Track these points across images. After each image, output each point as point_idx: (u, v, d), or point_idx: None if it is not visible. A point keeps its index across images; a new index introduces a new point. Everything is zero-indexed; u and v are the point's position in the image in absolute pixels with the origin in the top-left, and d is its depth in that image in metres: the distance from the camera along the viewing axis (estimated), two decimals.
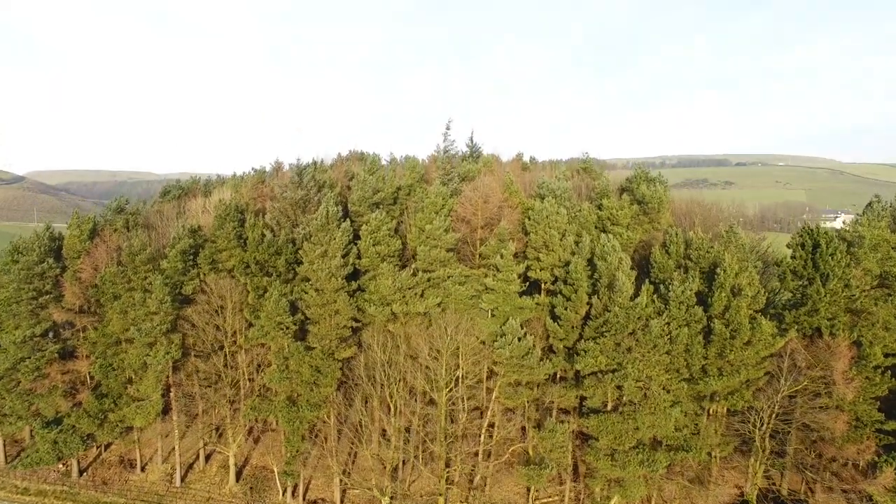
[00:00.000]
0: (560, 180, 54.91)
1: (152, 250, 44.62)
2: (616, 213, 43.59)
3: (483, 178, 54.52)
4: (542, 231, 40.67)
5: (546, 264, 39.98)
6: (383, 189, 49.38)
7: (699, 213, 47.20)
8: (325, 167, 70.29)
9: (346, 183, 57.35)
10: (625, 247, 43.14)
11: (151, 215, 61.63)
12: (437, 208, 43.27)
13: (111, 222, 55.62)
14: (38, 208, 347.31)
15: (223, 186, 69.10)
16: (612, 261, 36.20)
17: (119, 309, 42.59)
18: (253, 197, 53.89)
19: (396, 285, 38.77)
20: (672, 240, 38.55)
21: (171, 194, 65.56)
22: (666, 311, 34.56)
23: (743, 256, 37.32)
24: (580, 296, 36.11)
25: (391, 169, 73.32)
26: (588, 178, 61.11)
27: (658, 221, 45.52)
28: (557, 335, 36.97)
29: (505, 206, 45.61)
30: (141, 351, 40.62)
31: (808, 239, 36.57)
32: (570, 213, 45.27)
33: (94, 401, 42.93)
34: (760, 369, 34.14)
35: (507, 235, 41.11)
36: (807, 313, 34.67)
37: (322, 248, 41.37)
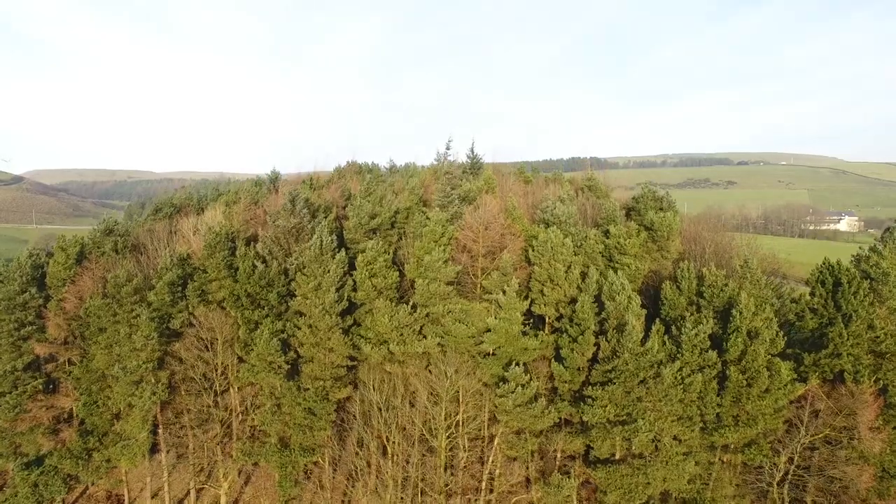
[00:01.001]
0: (564, 202, 53.00)
1: (139, 280, 42.69)
2: (623, 243, 41.57)
3: (484, 200, 52.60)
4: (547, 264, 38.73)
5: (551, 300, 38.05)
6: (380, 213, 47.45)
7: (710, 240, 45.13)
8: (321, 182, 68.44)
9: (342, 204, 55.41)
10: (633, 277, 41.21)
11: (142, 235, 59.75)
12: (437, 237, 41.31)
13: (99, 244, 53.78)
14: (36, 210, 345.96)
15: (217, 202, 67.17)
16: (620, 300, 34.25)
17: (104, 343, 40.69)
18: (246, 219, 51.98)
19: (393, 323, 36.83)
20: (684, 275, 36.57)
21: (162, 212, 63.62)
22: (678, 356, 32.62)
23: (759, 294, 35.34)
24: (587, 338, 34.16)
25: (389, 185, 71.43)
26: (593, 197, 59.09)
27: (667, 250, 43.55)
28: (563, 378, 35.04)
29: (507, 233, 43.70)
30: (126, 389, 38.73)
31: (829, 276, 34.60)
32: (576, 240, 43.35)
33: (77, 439, 41.10)
34: (778, 418, 32.21)
35: (509, 269, 39.17)
36: (828, 356, 32.71)
37: (316, 281, 39.47)
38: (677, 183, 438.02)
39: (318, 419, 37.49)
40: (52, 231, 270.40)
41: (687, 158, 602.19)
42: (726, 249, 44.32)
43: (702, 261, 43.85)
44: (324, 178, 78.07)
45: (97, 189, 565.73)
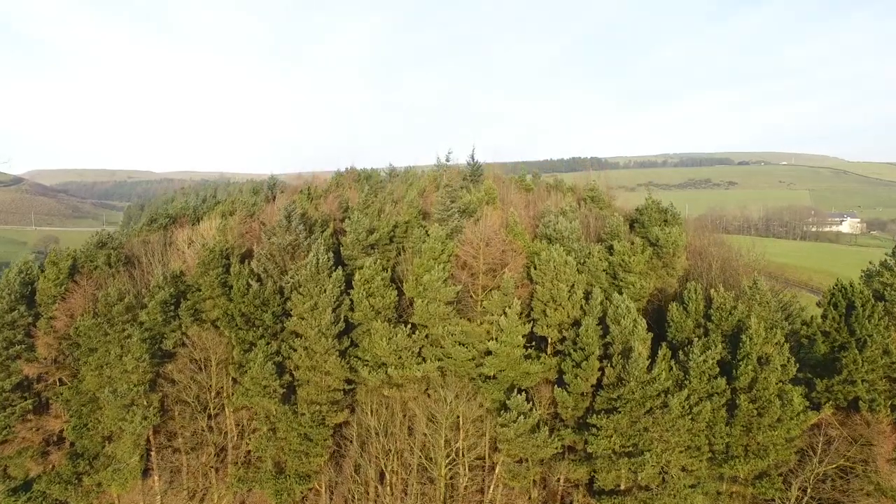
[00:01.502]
0: (566, 214, 51.88)
1: (131, 298, 41.60)
2: (628, 260, 40.42)
3: (485, 214, 51.47)
4: (549, 283, 37.62)
5: (553, 321, 36.92)
6: (379, 228, 46.34)
7: (716, 256, 43.97)
8: (318, 192, 67.32)
9: (340, 216, 54.26)
10: (638, 296, 40.10)
11: (136, 247, 58.66)
12: (436, 254, 40.18)
13: (92, 257, 52.69)
14: (36, 211, 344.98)
15: (213, 212, 66.01)
16: (625, 324, 33.11)
17: (94, 364, 39.63)
18: (242, 233, 50.81)
19: (391, 347, 35.69)
20: (691, 297, 35.42)
21: (157, 222, 62.48)
22: (686, 383, 31.48)
23: (769, 316, 34.20)
24: (591, 363, 33.03)
25: (389, 193, 70.32)
26: (595, 208, 57.91)
27: (673, 267, 42.37)
28: (566, 404, 33.91)
29: (508, 249, 42.57)
30: (116, 413, 37.63)
31: (842, 298, 33.42)
32: (579, 257, 42.23)
33: (67, 463, 40.03)
34: (790, 448, 31.07)
35: (511, 288, 38.04)
36: (841, 382, 31.55)
37: (312, 301, 38.37)
38: (678, 183, 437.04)
39: (315, 445, 36.39)
40: (51, 233, 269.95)
41: (687, 158, 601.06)
42: (733, 266, 43.18)
43: (708, 278, 42.78)
44: (322, 185, 76.97)
45: (97, 189, 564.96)
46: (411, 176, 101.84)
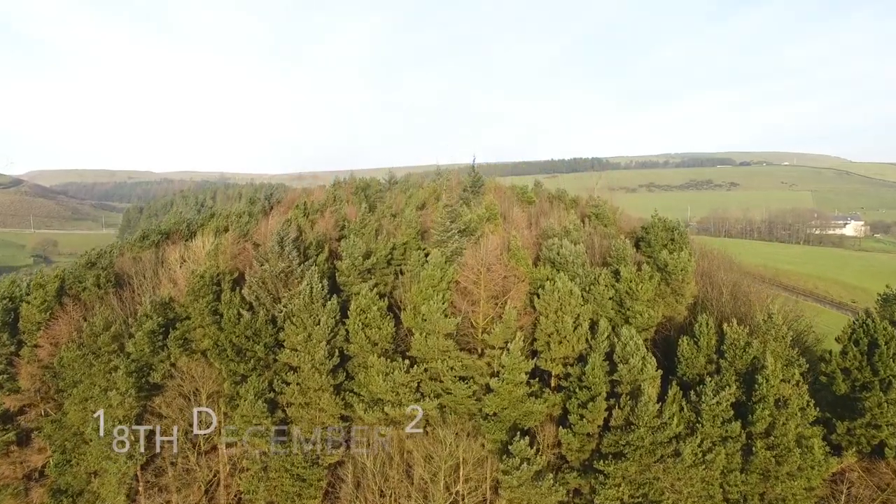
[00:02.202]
0: (570, 234, 50.22)
1: (118, 327, 39.95)
2: (635, 288, 38.68)
3: (485, 235, 49.83)
4: (554, 315, 35.95)
5: (557, 356, 35.27)
6: (376, 251, 44.68)
7: (727, 281, 42.16)
8: (315, 206, 65.64)
9: (337, 236, 52.59)
10: (645, 326, 38.42)
11: (127, 265, 57.02)
12: (435, 282, 38.53)
13: (80, 278, 51.08)
14: (35, 213, 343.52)
15: (207, 227, 64.34)
16: (634, 363, 31.41)
17: (78, 397, 37.98)
18: (235, 254, 49.11)
19: (388, 384, 34.01)
20: (702, 331, 33.68)
21: (149, 239, 60.80)
22: (698, 426, 29.78)
23: (785, 352, 32.46)
24: (598, 405, 31.33)
25: (388, 207, 68.64)
26: (600, 226, 56.20)
27: (682, 294, 40.61)
28: (571, 446, 32.21)
29: (510, 275, 40.90)
30: (100, 451, 35.97)
31: (863, 334, 31.67)
32: (584, 283, 40.55)
33: (49, 500, 38.42)
34: (810, 498, 29.36)
35: (513, 321, 36.37)
36: (864, 426, 29.84)
37: (306, 332, 36.71)
38: (679, 184, 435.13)
39: (308, 486, 34.73)
40: (50, 236, 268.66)
41: (689, 158, 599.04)
42: (744, 292, 41.40)
43: (719, 305, 41.06)
44: (319, 197, 75.28)
45: (97, 190, 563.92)
46: (411, 185, 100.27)
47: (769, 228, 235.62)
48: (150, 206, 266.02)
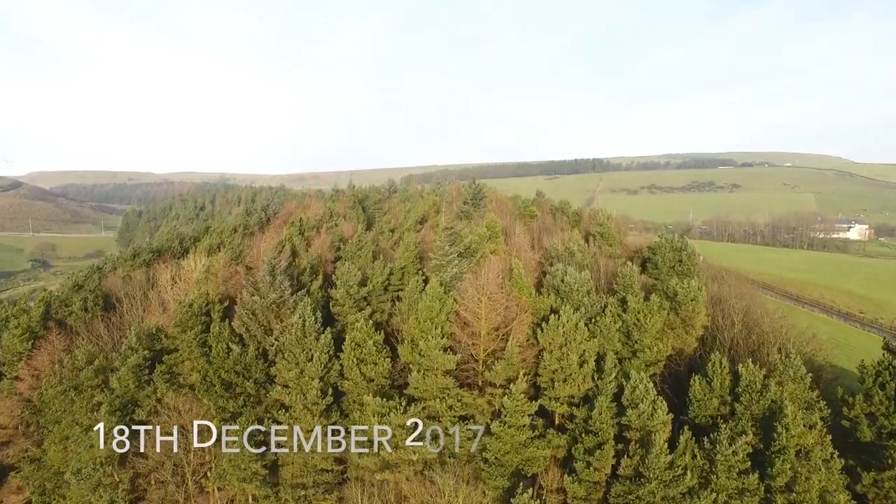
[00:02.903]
0: (574, 256, 48.43)
1: (102, 360, 38.18)
2: (643, 320, 36.87)
3: (486, 258, 48.12)
4: (558, 351, 34.19)
5: (562, 395, 33.47)
6: (372, 277, 42.87)
7: (739, 309, 40.23)
8: (311, 224, 63.88)
9: (332, 258, 50.82)
10: (654, 360, 36.63)
11: (117, 286, 55.35)
12: (433, 314, 36.77)
13: (67, 302, 49.42)
14: (34, 217, 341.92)
15: (200, 244, 62.64)
16: (644, 408, 29.57)
17: (59, 436, 36.24)
18: (226, 278, 47.34)
19: (384, 426, 32.20)
20: (715, 371, 31.82)
21: (140, 258, 59.07)
22: (712, 475, 27.96)
23: (804, 394, 30.61)
24: (605, 452, 29.56)
25: (386, 222, 66.81)
26: (605, 246, 54.39)
27: (692, 325, 38.77)
28: (577, 494, 30.37)
29: (513, 304, 39.13)
30: (81, 496, 34.15)
31: (889, 377, 29.80)
32: (590, 312, 38.78)
33: None
34: None
35: (515, 358, 34.61)
36: (894, 478, 27.97)
37: (297, 368, 34.96)
38: (681, 186, 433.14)
39: None
40: (48, 239, 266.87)
41: (690, 159, 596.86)
42: (758, 322, 39.51)
43: (731, 336, 39.24)
44: (315, 212, 73.51)
45: (97, 192, 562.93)
46: (410, 195, 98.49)
47: (772, 232, 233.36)
48: (149, 210, 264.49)
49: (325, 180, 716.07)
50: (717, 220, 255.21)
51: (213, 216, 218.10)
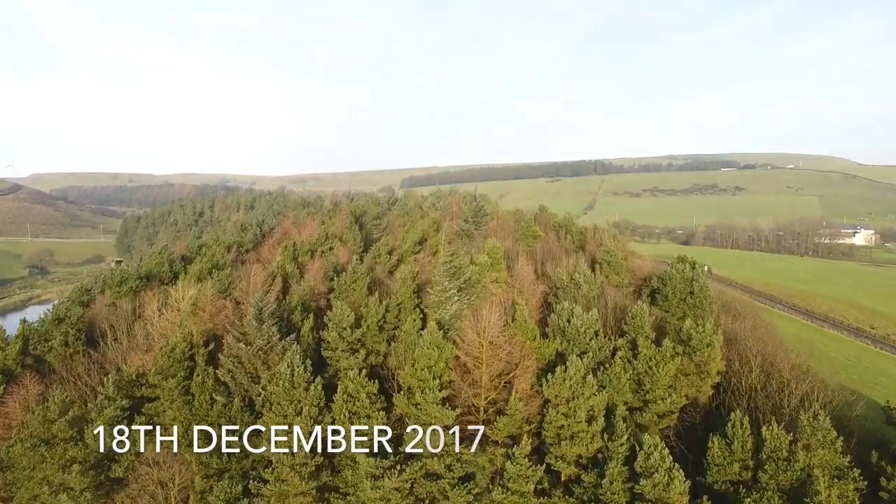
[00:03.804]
0: (581, 288, 46.03)
1: (77, 410, 35.78)
2: (656, 369, 34.43)
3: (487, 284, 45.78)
4: (564, 406, 31.78)
5: (569, 455, 31.01)
6: (366, 317, 40.53)
7: (757, 351, 37.68)
8: (304, 248, 61.50)
9: (326, 290, 48.44)
10: (666, 412, 34.23)
11: (102, 315, 53.05)
12: (432, 362, 34.42)
13: (47, 336, 47.09)
14: (33, 220, 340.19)
15: (189, 273, 60.24)
16: (659, 479, 27.13)
17: (27, 495, 33.82)
18: (214, 313, 45.02)
19: (378, 491, 29.79)
20: (736, 432, 29.37)
21: (127, 285, 56.67)
22: None
23: (834, 460, 28.12)
24: None
25: (384, 244, 64.38)
26: (613, 275, 51.91)
27: (708, 372, 36.28)
28: None
29: (515, 350, 36.74)
30: None
31: None
32: (598, 357, 36.42)
33: None
34: None
35: (519, 412, 32.21)
36: None
37: (286, 422, 32.58)
38: (684, 188, 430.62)
39: None
40: (47, 245, 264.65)
41: (692, 160, 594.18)
42: (778, 368, 36.94)
43: (748, 382, 36.73)
44: (311, 232, 71.14)
45: (97, 195, 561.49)
46: (410, 209, 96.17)
47: (777, 238, 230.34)
48: (148, 216, 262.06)
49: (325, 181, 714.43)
50: (721, 226, 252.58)
51: (211, 223, 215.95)
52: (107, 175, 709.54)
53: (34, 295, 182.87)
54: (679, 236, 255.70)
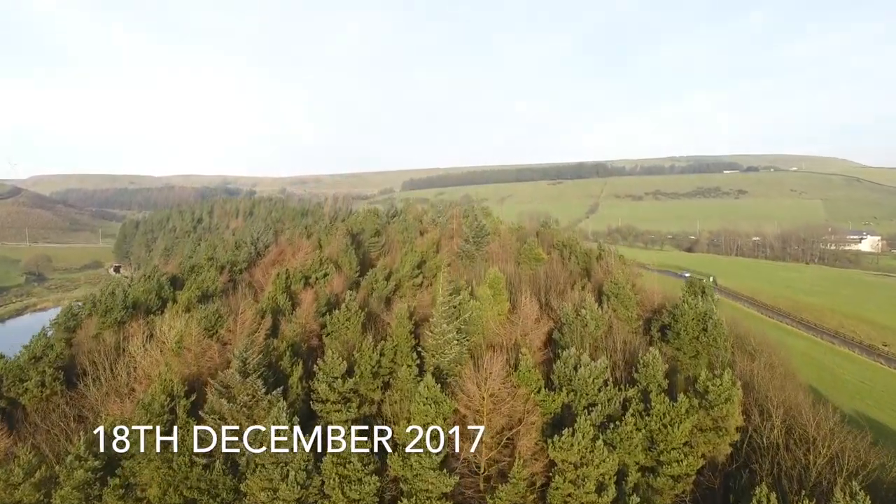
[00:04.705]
0: (587, 325, 43.52)
1: (44, 471, 33.21)
2: (670, 428, 31.87)
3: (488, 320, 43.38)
4: (572, 473, 29.24)
5: None
6: (359, 363, 38.04)
7: (778, 402, 35.04)
8: (297, 275, 58.98)
9: (318, 330, 45.91)
10: (682, 475, 31.67)
11: (84, 349, 50.65)
12: (429, 419, 31.99)
13: (22, 377, 44.72)
14: (32, 225, 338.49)
15: (178, 299, 57.79)
16: None
17: None
18: (199, 354, 42.49)
19: None
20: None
21: (112, 316, 54.17)
22: None
23: None
24: None
25: (381, 268, 61.86)
26: (621, 308, 49.26)
27: (726, 428, 33.69)
28: None
29: (518, 403, 34.25)
30: None
31: None
32: (607, 409, 33.89)
33: None
34: None
35: (522, 480, 29.68)
36: None
37: (271, 487, 30.07)
38: (687, 192, 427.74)
39: None
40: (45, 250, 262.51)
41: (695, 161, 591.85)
42: (802, 423, 34.28)
43: (770, 438, 34.12)
44: (305, 256, 68.60)
45: (97, 197, 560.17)
46: (410, 225, 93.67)
47: (782, 245, 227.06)
48: (146, 222, 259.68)
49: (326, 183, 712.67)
50: (725, 231, 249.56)
51: (210, 230, 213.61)
52: (107, 177, 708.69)
53: (30, 303, 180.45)
54: (683, 242, 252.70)
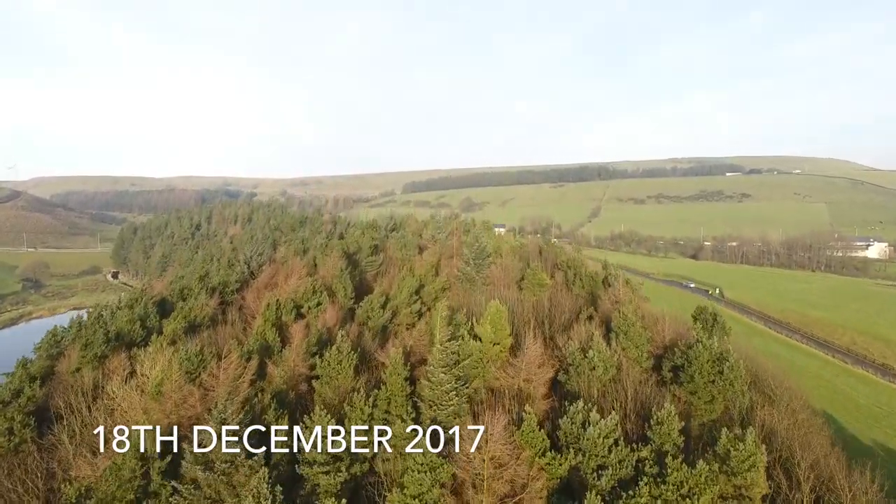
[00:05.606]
0: (595, 368, 40.67)
1: None
2: (691, 501, 28.96)
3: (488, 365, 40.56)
4: None
5: None
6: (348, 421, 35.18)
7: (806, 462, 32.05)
8: (289, 305, 56.10)
9: (307, 368, 43.07)
10: None
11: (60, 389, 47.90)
12: (424, 490, 29.16)
13: None
14: (31, 229, 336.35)
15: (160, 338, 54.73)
16: None
17: None
18: (179, 402, 39.69)
19: None
20: None
21: (92, 350, 51.29)
22: None
23: None
24: None
25: (379, 293, 59.02)
26: (631, 346, 46.28)
27: (750, 497, 30.78)
28: None
29: (522, 468, 31.43)
30: None
31: None
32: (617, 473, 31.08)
33: None
34: None
35: None
36: None
37: None
38: (689, 195, 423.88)
39: None
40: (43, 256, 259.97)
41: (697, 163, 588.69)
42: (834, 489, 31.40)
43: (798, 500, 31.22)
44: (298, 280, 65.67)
45: (98, 200, 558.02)
46: (408, 241, 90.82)
47: (788, 252, 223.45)
48: (145, 227, 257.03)
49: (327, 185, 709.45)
50: (730, 237, 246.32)
51: (207, 237, 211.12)
52: (108, 179, 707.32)
53: (26, 312, 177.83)
54: (686, 249, 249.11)
